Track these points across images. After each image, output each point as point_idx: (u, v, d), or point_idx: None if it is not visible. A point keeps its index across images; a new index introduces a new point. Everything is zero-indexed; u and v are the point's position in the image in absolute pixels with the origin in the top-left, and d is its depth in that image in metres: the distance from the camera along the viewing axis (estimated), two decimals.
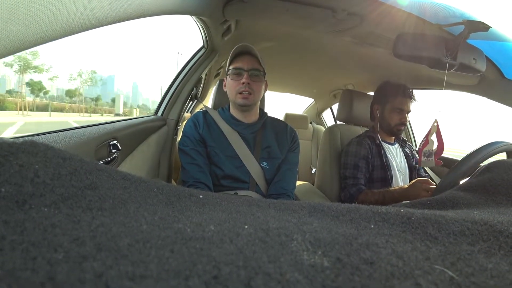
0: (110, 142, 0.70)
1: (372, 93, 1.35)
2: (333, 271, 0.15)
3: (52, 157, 0.21)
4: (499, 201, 0.33)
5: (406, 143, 1.32)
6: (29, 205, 0.17)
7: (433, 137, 0.91)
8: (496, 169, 0.39)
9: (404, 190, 0.96)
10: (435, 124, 0.88)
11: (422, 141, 0.92)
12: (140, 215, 0.20)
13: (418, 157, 0.94)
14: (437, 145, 0.89)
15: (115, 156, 0.71)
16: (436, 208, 0.33)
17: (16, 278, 0.12)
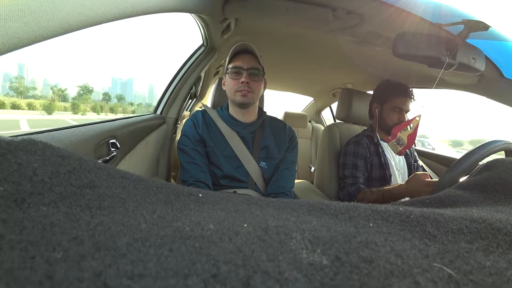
0: (109, 140, 0.70)
1: (371, 92, 1.35)
2: (332, 270, 0.15)
3: (51, 156, 0.21)
4: (497, 199, 0.34)
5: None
6: (27, 203, 0.17)
7: (409, 130, 0.97)
8: (494, 168, 0.39)
9: (404, 188, 0.95)
10: (417, 119, 0.91)
11: (399, 122, 0.94)
12: (139, 214, 0.20)
13: (391, 138, 0.99)
14: (409, 140, 0.94)
15: (114, 155, 0.71)
16: (435, 206, 0.33)
17: (14, 277, 0.12)
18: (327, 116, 2.76)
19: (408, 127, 0.97)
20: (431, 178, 0.92)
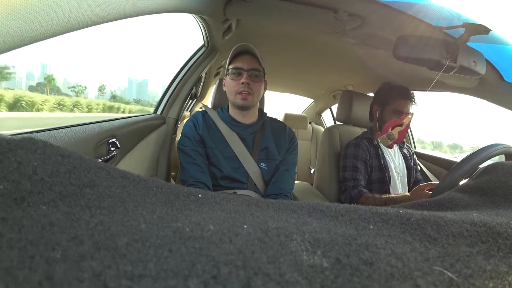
0: (109, 140, 0.70)
1: (372, 94, 1.35)
2: (332, 272, 0.15)
3: (51, 154, 0.21)
4: (497, 203, 0.33)
5: (404, 144, 1.32)
6: (27, 202, 0.17)
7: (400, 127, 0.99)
8: (494, 171, 0.39)
9: (408, 199, 0.95)
10: (410, 117, 0.92)
11: (391, 119, 0.96)
12: (138, 214, 0.20)
13: (387, 139, 1.00)
14: (399, 136, 0.95)
15: (114, 154, 0.71)
16: (435, 209, 0.33)
17: (13, 277, 0.11)
18: (328, 118, 2.76)
19: (402, 124, 0.98)
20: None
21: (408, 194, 0.99)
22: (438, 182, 0.93)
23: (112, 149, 0.70)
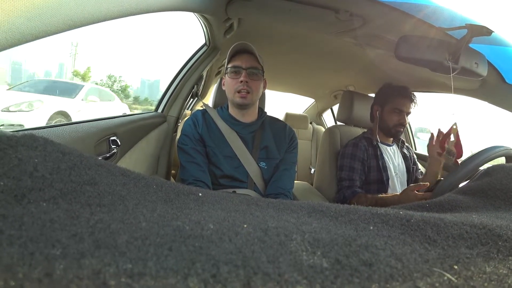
0: (109, 137, 0.70)
1: (373, 95, 1.35)
2: (332, 272, 0.15)
3: (52, 151, 0.21)
4: (497, 205, 0.33)
5: (404, 145, 1.32)
6: (27, 199, 0.17)
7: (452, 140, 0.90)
8: (495, 174, 0.39)
9: (397, 199, 0.96)
10: (454, 127, 0.87)
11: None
12: (139, 212, 0.20)
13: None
14: (458, 150, 0.88)
15: (115, 152, 0.71)
16: (435, 210, 0.33)
17: (13, 273, 0.12)
18: (328, 118, 2.76)
19: (451, 136, 0.92)
20: (429, 185, 0.91)
21: (397, 194, 0.99)
22: (427, 183, 0.92)
23: (113, 146, 0.70)
